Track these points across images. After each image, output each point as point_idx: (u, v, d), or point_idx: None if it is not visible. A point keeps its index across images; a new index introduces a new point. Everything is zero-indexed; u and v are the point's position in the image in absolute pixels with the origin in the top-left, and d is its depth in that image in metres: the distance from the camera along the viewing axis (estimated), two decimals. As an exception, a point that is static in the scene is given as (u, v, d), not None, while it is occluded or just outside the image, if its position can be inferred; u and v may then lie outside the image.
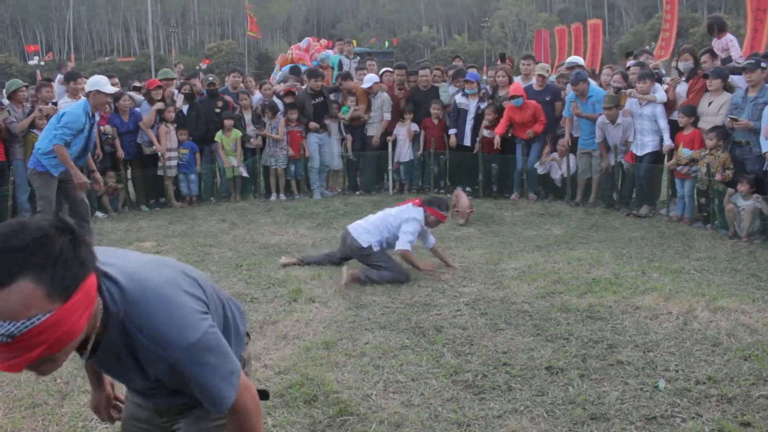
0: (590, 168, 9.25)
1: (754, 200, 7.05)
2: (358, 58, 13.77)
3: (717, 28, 9.08)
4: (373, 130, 10.70)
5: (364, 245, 5.93)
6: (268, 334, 4.64)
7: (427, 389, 3.73)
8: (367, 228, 6.04)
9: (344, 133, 10.71)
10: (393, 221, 6.01)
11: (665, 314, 4.78)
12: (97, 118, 7.43)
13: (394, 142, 10.60)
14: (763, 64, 7.44)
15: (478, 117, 10.14)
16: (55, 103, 9.10)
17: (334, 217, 8.93)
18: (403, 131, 10.56)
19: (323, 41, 15.60)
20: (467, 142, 10.25)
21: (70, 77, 9.26)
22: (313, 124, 10.34)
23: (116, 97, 9.75)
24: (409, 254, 5.88)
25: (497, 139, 9.65)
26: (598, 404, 3.51)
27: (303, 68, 12.69)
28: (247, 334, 2.20)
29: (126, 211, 9.75)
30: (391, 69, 11.19)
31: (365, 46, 49.46)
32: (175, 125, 9.93)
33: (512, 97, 9.41)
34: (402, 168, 10.73)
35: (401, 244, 5.86)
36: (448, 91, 10.59)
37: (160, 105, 9.77)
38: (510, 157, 9.97)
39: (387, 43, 63.80)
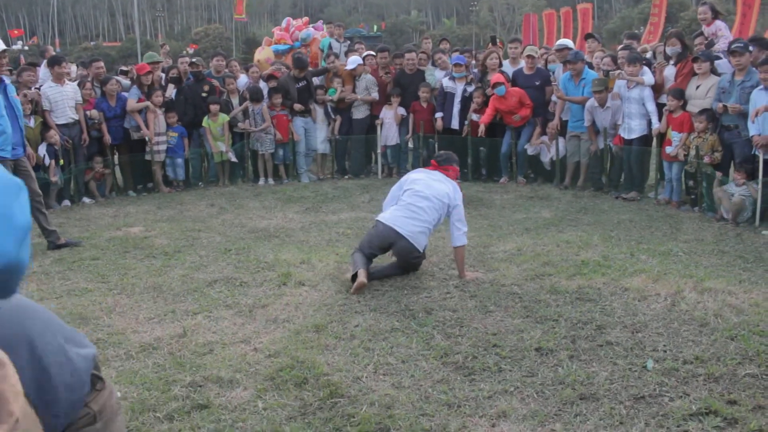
0: (579, 151, 9.26)
1: (746, 188, 7.08)
2: (348, 41, 13.69)
3: (711, 13, 9.10)
4: (359, 113, 10.66)
5: (421, 249, 5.42)
6: (257, 318, 4.64)
7: (418, 371, 3.74)
8: (422, 229, 5.36)
9: (333, 115, 10.66)
10: (445, 208, 5.40)
11: (653, 295, 4.81)
12: (9, 85, 6.50)
13: (382, 126, 10.56)
14: (750, 48, 7.47)
15: (465, 100, 10.11)
16: (39, 87, 9.00)
17: (323, 201, 8.92)
18: (390, 115, 10.52)
19: (304, 18, 15.44)
20: (455, 125, 10.23)
21: (54, 62, 9.17)
22: (297, 106, 10.29)
23: (104, 81, 9.67)
24: (463, 251, 5.37)
25: (482, 128, 9.63)
26: (587, 384, 3.53)
27: (283, 48, 12.67)
28: (100, 379, 1.62)
29: (113, 197, 9.69)
30: (373, 53, 11.11)
31: (353, 30, 49.18)
32: (164, 109, 9.85)
33: (494, 86, 9.40)
34: (389, 151, 10.70)
35: (458, 239, 5.32)
36: (434, 75, 10.55)
37: (145, 104, 9.64)
38: (499, 141, 9.96)
39: (375, 27, 63.46)
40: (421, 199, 5.39)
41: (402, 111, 10.49)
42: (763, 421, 3.11)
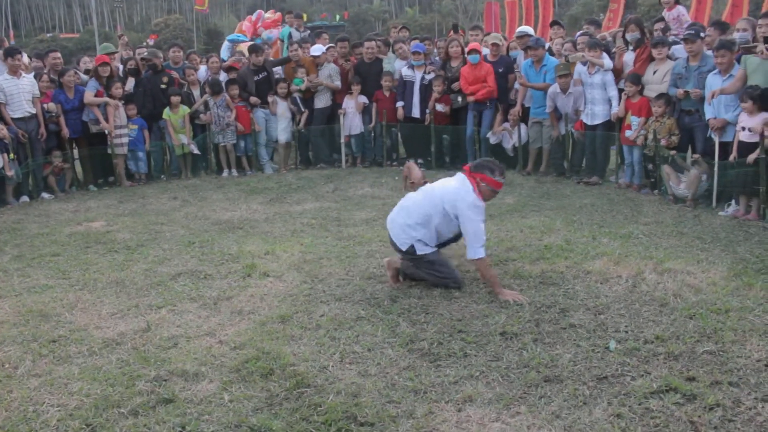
0: (541, 137, 9.34)
1: (698, 167, 7.23)
2: (308, 31, 13.59)
3: None
4: (321, 102, 10.59)
5: (404, 248, 4.84)
6: (222, 310, 4.60)
7: (384, 359, 3.75)
8: (405, 222, 4.84)
9: (303, 108, 10.55)
10: (439, 203, 4.75)
11: (615, 278, 4.89)
12: None
13: (344, 115, 10.51)
14: (702, 35, 7.61)
15: (425, 88, 10.12)
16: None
17: (287, 191, 8.87)
18: (352, 104, 10.48)
19: (277, 14, 15.27)
20: (415, 113, 10.23)
21: (9, 53, 8.93)
22: (254, 99, 10.20)
23: (61, 72, 9.45)
24: (484, 266, 4.66)
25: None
26: (551, 366, 3.58)
27: (241, 39, 12.56)
28: None
29: (74, 192, 9.51)
30: (333, 44, 11.06)
31: (316, 20, 48.80)
32: (123, 101, 9.68)
33: (470, 52, 9.45)
34: (353, 141, 10.66)
35: (472, 251, 4.63)
36: (393, 64, 10.53)
37: (104, 99, 9.46)
38: (462, 128, 9.99)
39: (338, 17, 63.05)
40: (418, 194, 5.01)
41: (363, 99, 10.44)
42: (720, 396, 3.19)
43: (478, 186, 4.71)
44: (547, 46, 9.57)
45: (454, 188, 4.77)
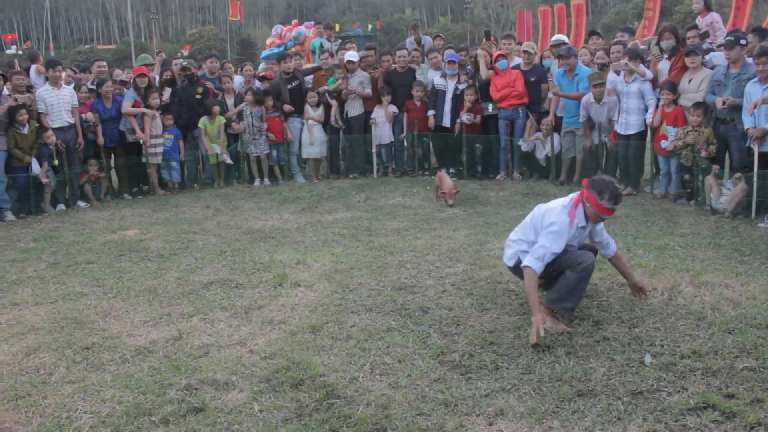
0: (574, 147, 9.24)
1: (740, 181, 7.08)
2: (339, 40, 13.67)
3: (704, 4, 9.13)
4: (354, 110, 10.60)
5: (510, 264, 4.58)
6: (253, 320, 4.61)
7: (414, 370, 3.72)
8: (516, 243, 4.53)
9: (340, 123, 10.58)
10: (538, 221, 4.42)
11: (650, 290, 4.79)
12: None
13: (375, 125, 10.51)
14: (742, 41, 7.45)
15: (457, 98, 10.08)
16: (30, 88, 8.97)
17: (319, 201, 8.89)
18: (381, 113, 10.48)
19: (293, 21, 15.53)
20: (446, 122, 10.18)
21: (50, 65, 9.14)
22: (287, 107, 10.25)
23: (99, 83, 9.63)
24: (529, 278, 4.20)
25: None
26: (584, 381, 3.51)
27: (276, 51, 12.70)
28: None
29: (108, 200, 9.65)
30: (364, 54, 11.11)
31: (349, 30, 49.09)
32: (160, 111, 9.82)
33: (497, 58, 9.46)
34: (383, 151, 10.67)
35: (530, 258, 4.25)
36: (426, 74, 10.50)
37: (141, 110, 9.60)
38: (493, 137, 9.94)
39: (370, 27, 63.34)
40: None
41: (393, 109, 10.44)
42: (761, 414, 3.09)
43: (583, 204, 4.27)
44: (577, 53, 9.45)
45: (549, 210, 4.38)
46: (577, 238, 4.39)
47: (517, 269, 4.48)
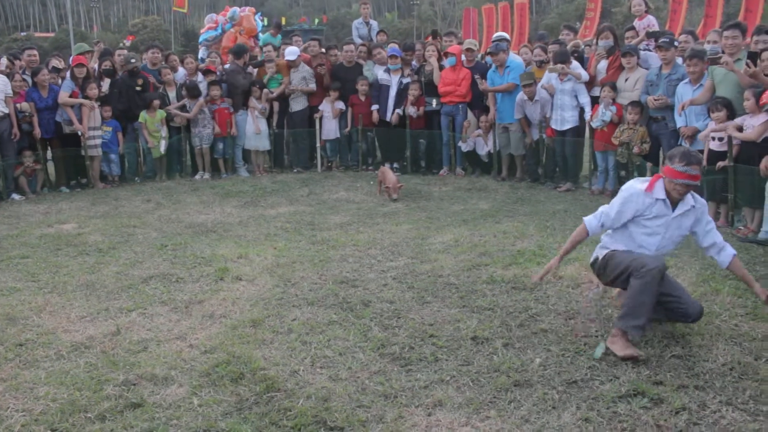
0: (509, 143, 9.38)
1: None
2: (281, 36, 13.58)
3: (644, 6, 9.45)
4: (297, 105, 10.55)
5: (590, 260, 4.32)
6: (193, 314, 4.57)
7: (355, 363, 3.75)
8: (602, 237, 4.25)
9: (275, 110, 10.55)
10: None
11: (587, 283, 4.93)
12: None
13: (321, 119, 10.49)
14: (675, 43, 7.75)
15: (401, 92, 10.14)
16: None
17: (262, 195, 8.83)
18: (328, 108, 10.47)
19: (225, 7, 15.45)
20: (390, 117, 10.25)
21: (-20, 53, 8.81)
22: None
23: (35, 71, 9.31)
24: (578, 230, 4.10)
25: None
26: (521, 371, 3.60)
27: (213, 34, 12.55)
28: None
29: (45, 193, 9.38)
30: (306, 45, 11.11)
31: (295, 25, 48.71)
32: (99, 102, 9.57)
33: (446, 54, 9.57)
34: (328, 145, 10.66)
35: (589, 216, 4.10)
36: (372, 71, 10.53)
37: (79, 101, 9.34)
38: (437, 133, 10.04)
39: (317, 21, 62.99)
40: None
41: (340, 105, 10.44)
42: (686, 399, 3.23)
43: (663, 180, 3.90)
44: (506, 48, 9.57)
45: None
46: (665, 224, 3.93)
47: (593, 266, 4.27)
